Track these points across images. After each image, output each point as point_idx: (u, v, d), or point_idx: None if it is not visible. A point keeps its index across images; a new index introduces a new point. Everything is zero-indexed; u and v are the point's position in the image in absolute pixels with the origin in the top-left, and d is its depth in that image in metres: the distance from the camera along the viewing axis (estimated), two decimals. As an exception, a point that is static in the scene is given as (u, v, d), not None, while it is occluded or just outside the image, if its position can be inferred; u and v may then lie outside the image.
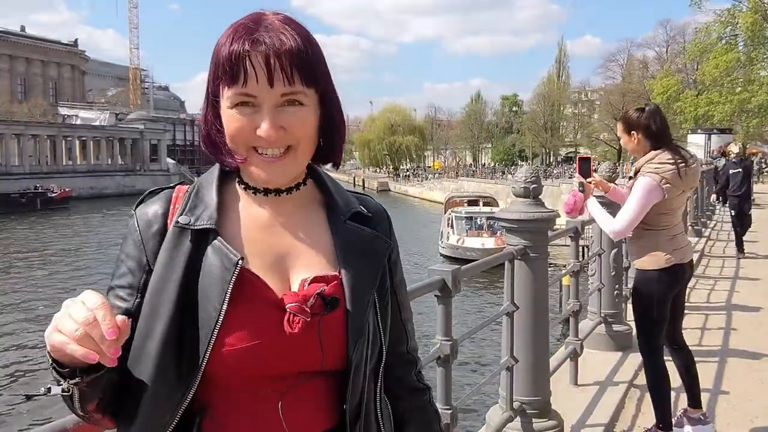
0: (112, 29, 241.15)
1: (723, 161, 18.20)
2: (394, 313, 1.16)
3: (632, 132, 3.46)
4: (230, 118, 1.02)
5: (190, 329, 0.98)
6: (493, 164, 77.46)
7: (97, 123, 76.33)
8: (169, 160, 79.41)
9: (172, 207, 1.06)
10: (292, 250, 1.08)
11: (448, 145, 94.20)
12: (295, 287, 1.04)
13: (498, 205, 30.28)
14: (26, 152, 61.28)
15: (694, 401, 3.70)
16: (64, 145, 66.69)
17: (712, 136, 29.30)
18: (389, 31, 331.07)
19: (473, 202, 33.41)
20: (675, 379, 3.66)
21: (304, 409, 1.04)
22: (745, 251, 10.26)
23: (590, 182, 3.64)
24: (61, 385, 0.90)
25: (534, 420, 3.39)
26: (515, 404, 3.33)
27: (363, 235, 1.12)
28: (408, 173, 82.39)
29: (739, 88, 36.86)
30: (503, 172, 62.54)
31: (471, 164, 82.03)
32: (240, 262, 0.99)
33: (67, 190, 56.11)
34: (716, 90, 37.09)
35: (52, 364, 0.90)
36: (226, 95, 1.02)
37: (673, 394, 3.65)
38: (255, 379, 1.01)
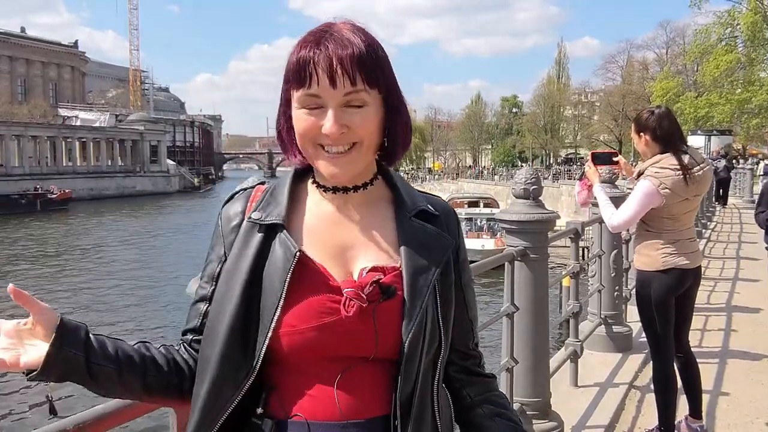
0: (112, 30, 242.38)
1: (723, 162, 18.23)
2: (462, 311, 1.22)
3: (641, 133, 3.48)
4: (299, 118, 1.10)
5: (255, 313, 1.08)
6: (492, 166, 77.43)
7: (97, 124, 76.40)
8: (169, 162, 79.44)
9: (249, 204, 1.18)
10: (356, 243, 1.15)
11: (448, 147, 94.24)
12: (355, 276, 1.11)
13: (499, 207, 30.27)
14: (26, 153, 61.32)
15: (695, 411, 3.68)
16: (64, 146, 66.74)
17: (711, 137, 29.29)
18: (388, 32, 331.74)
19: (474, 204, 33.44)
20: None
21: (358, 393, 1.09)
22: None
23: (621, 167, 3.82)
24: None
25: (534, 421, 3.39)
26: (515, 405, 3.33)
27: (426, 231, 1.17)
28: (408, 174, 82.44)
29: (739, 89, 36.87)
30: (493, 174, 62.57)
31: (471, 166, 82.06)
32: (298, 253, 1.09)
33: (66, 191, 56.13)
34: (716, 91, 37.09)
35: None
36: (296, 97, 1.10)
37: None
38: (314, 360, 1.09)
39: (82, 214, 49.91)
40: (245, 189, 1.21)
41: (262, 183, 1.23)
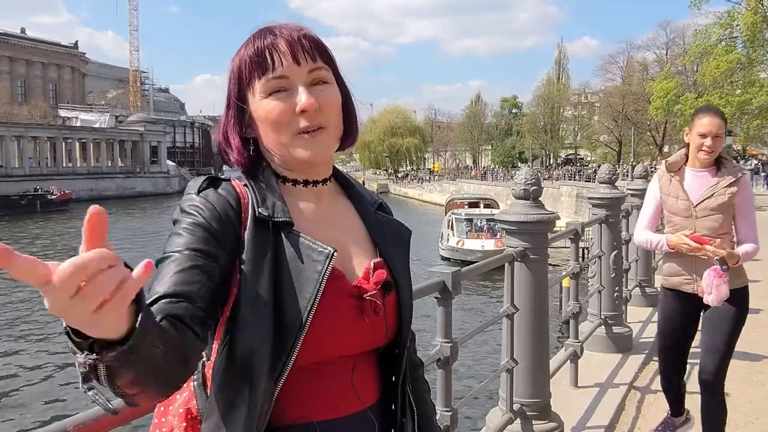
0: (112, 31, 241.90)
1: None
2: None
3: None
4: (269, 107, 1.08)
5: (281, 319, 1.02)
6: (493, 167, 77.40)
7: (97, 125, 76.37)
8: (170, 162, 79.39)
9: (242, 200, 1.08)
10: (342, 238, 1.15)
11: (448, 147, 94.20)
12: (358, 273, 1.13)
13: (499, 207, 30.27)
14: (26, 154, 61.30)
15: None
16: (64, 147, 66.68)
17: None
18: (387, 32, 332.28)
19: (474, 204, 33.43)
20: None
21: (366, 381, 1.14)
22: None
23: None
24: (78, 357, 0.75)
25: (534, 422, 3.39)
26: (515, 406, 3.33)
27: (391, 223, 1.24)
28: (407, 174, 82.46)
29: (739, 90, 36.84)
30: (485, 174, 62.61)
31: (470, 166, 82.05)
32: (335, 253, 1.05)
33: (66, 192, 56.07)
34: (716, 92, 37.07)
35: (67, 332, 0.75)
36: (259, 88, 1.09)
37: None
38: (330, 359, 1.08)
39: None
40: (219, 179, 1.09)
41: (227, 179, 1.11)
